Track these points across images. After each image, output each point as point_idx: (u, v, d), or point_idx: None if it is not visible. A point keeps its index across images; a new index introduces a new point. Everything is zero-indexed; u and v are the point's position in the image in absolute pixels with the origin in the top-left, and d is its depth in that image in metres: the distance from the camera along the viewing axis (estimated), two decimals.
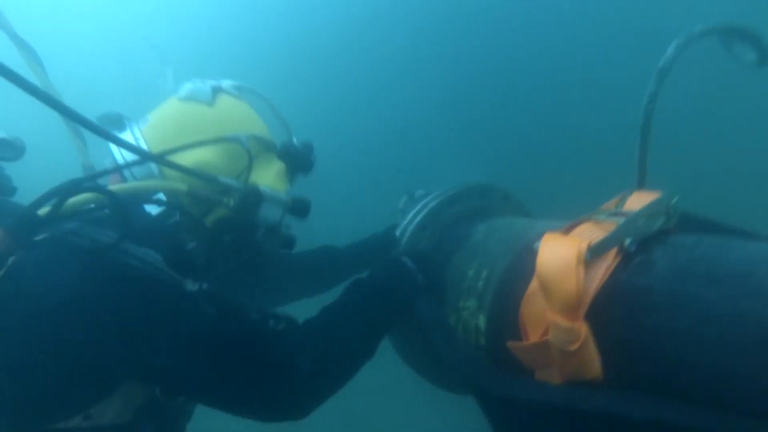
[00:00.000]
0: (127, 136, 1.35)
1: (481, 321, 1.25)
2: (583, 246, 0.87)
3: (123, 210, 1.05)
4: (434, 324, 1.33)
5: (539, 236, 1.24)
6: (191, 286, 1.11)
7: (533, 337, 0.96)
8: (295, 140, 1.57)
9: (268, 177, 1.46)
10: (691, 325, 0.78)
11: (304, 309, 1.49)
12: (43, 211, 1.03)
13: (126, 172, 1.30)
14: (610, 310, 0.90)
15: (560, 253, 0.87)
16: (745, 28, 1.03)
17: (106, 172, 1.28)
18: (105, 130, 1.14)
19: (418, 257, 1.55)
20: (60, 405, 1.03)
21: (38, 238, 1.00)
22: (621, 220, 0.97)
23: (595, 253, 0.89)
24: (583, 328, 0.86)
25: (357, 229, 2.05)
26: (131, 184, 1.23)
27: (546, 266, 0.88)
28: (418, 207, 1.67)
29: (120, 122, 1.38)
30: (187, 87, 1.46)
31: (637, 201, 1.06)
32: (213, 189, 1.34)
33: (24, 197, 1.22)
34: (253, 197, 1.37)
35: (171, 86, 1.52)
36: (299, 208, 1.52)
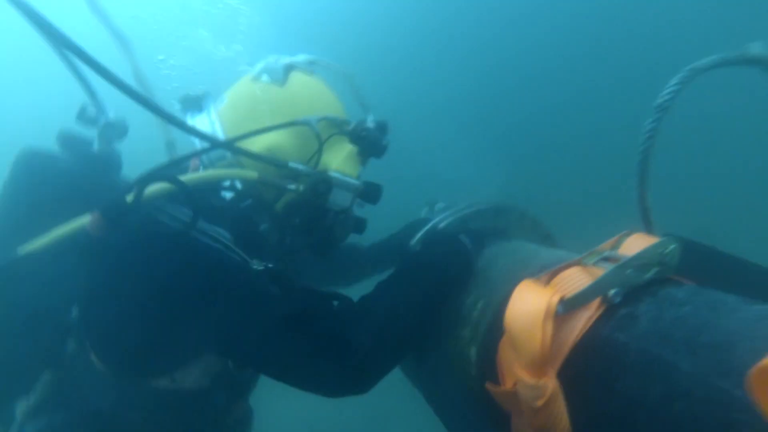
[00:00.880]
0: (203, 118, 1.43)
1: (473, 352, 1.22)
2: (555, 300, 0.82)
3: (191, 198, 1.14)
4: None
5: (541, 268, 1.20)
6: (257, 265, 1.17)
7: (506, 384, 0.93)
8: (370, 119, 1.54)
9: (339, 160, 1.45)
10: (661, 397, 0.73)
11: None
12: (130, 197, 1.13)
13: (203, 157, 1.38)
14: (587, 366, 0.85)
15: (529, 307, 0.83)
16: (758, 57, 0.92)
17: (184, 158, 1.33)
18: (176, 118, 1.22)
19: (474, 236, 1.48)
20: (151, 365, 1.17)
21: (127, 221, 1.11)
22: (610, 267, 0.92)
23: (569, 306, 0.85)
24: (550, 385, 0.82)
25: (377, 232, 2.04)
26: (203, 174, 1.28)
27: (513, 320, 0.85)
28: (428, 227, 1.64)
29: (199, 103, 1.45)
30: (259, 66, 1.47)
31: (635, 244, 0.99)
32: (283, 174, 1.37)
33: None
34: (322, 185, 1.38)
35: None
36: (370, 193, 1.51)
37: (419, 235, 1.57)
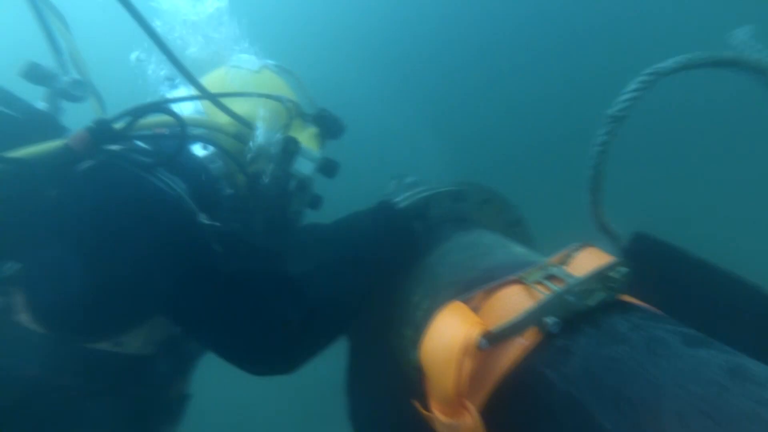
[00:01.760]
0: (181, 90, 1.59)
1: (413, 356, 1.16)
2: (475, 334, 0.74)
3: (182, 137, 1.21)
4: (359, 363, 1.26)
5: (486, 273, 1.12)
6: (204, 219, 1.18)
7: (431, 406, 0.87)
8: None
9: (303, 137, 1.61)
10: None
11: None
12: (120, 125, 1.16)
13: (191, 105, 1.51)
14: (513, 403, 0.78)
15: (447, 340, 0.75)
16: (732, 58, 0.79)
17: (177, 100, 1.49)
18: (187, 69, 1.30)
19: (428, 223, 1.48)
20: (97, 325, 1.10)
21: (106, 148, 1.13)
22: (551, 291, 0.83)
23: (496, 339, 0.77)
24: (468, 422, 0.76)
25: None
26: (199, 117, 1.45)
27: (428, 354, 0.77)
28: (382, 201, 1.54)
29: (173, 81, 1.61)
30: (236, 58, 1.65)
31: (585, 262, 0.90)
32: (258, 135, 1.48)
33: None
34: (291, 144, 1.53)
35: None
36: (329, 167, 1.69)
37: (370, 206, 1.49)
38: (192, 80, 1.35)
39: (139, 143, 1.25)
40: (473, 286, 1.09)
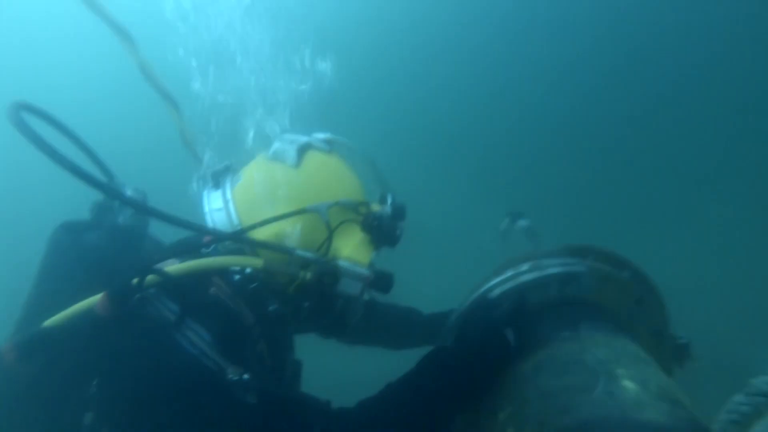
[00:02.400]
0: (218, 195, 1.43)
1: None
2: None
3: (180, 295, 1.19)
4: None
5: (580, 425, 0.99)
6: (233, 374, 1.17)
7: None
8: (387, 202, 1.49)
9: (350, 247, 1.41)
10: None
11: None
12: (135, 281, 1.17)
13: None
14: None
15: None
16: None
17: (193, 246, 1.35)
18: (177, 217, 1.22)
19: (522, 327, 1.31)
20: None
21: (128, 306, 1.15)
22: None
23: None
24: None
25: None
26: (206, 261, 1.27)
27: None
28: (497, 280, 1.40)
29: (217, 179, 1.46)
30: (274, 146, 1.45)
31: None
32: (291, 261, 1.34)
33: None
34: (328, 277, 1.35)
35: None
36: (381, 283, 1.46)
37: (453, 321, 1.40)
38: (201, 230, 1.30)
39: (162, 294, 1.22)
40: None
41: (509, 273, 1.37)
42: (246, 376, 1.16)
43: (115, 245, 1.30)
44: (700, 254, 4.68)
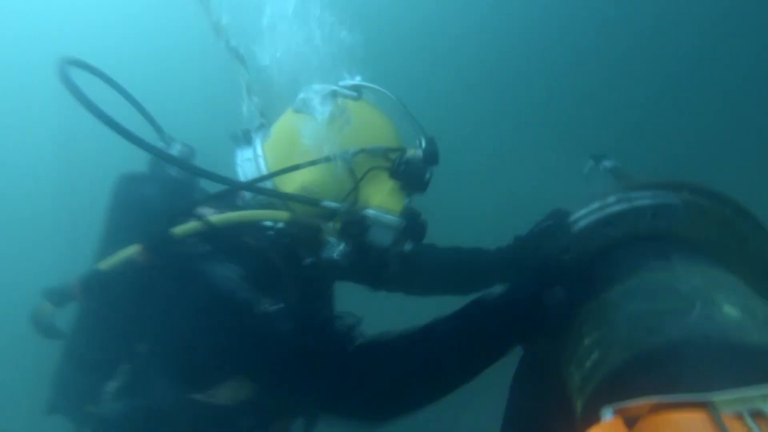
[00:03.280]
0: (248, 152, 1.44)
1: (579, 404, 1.11)
2: None
3: (219, 240, 1.24)
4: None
5: (670, 346, 0.95)
6: (268, 304, 1.20)
7: None
8: (418, 145, 1.45)
9: (381, 195, 1.38)
10: None
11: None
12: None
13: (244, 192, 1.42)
14: None
15: None
16: None
17: (219, 196, 1.33)
18: (208, 171, 1.28)
19: (581, 281, 1.26)
20: (191, 381, 1.31)
21: (164, 253, 1.23)
22: None
23: None
24: None
25: None
26: (233, 215, 1.29)
27: None
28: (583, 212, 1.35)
29: (247, 137, 1.46)
30: (299, 97, 1.42)
31: None
32: (317, 213, 1.34)
33: None
34: (354, 226, 1.33)
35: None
36: (414, 231, 1.42)
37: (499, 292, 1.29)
38: (226, 181, 1.30)
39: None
40: (650, 360, 0.96)
41: (596, 205, 1.33)
42: (282, 305, 1.21)
43: (166, 196, 1.38)
44: None
